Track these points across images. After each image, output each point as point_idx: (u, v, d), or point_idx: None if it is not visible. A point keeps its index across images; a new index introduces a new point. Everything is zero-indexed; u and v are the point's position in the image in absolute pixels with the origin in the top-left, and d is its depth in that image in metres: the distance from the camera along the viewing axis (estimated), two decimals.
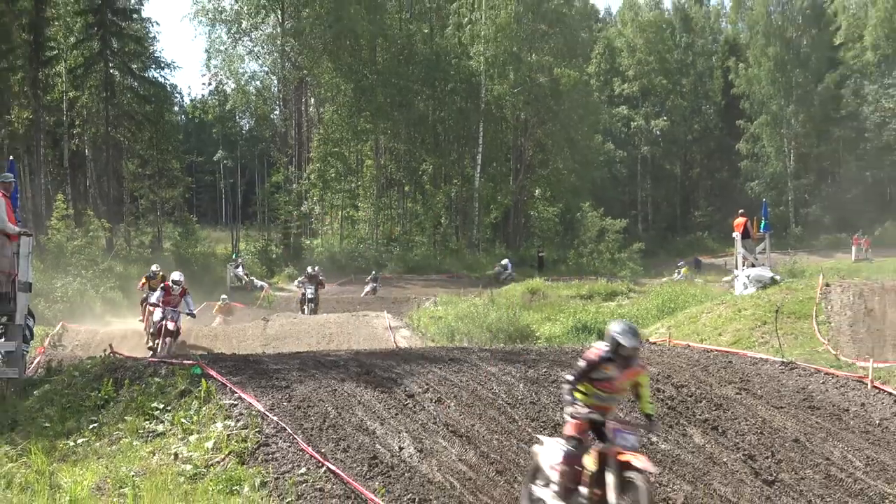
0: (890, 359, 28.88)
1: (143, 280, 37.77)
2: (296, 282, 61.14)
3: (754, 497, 14.04)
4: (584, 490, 12.35)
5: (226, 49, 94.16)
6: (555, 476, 12.65)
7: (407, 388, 16.53)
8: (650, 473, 12.09)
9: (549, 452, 12.89)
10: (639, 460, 11.95)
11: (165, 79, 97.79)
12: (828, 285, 37.42)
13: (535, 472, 13.09)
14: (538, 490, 12.91)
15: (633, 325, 12.90)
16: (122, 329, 44.11)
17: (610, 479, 12.09)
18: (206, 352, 30.63)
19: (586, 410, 12.64)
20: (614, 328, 12.62)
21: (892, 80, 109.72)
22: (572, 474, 12.44)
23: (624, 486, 11.95)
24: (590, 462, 12.35)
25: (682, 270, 76.77)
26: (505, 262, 77.53)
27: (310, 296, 52.55)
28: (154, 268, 38.52)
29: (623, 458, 12.06)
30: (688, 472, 14.65)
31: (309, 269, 55.56)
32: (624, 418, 13.41)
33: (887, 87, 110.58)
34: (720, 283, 59.17)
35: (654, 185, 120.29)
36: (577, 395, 12.78)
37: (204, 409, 15.45)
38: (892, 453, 16.29)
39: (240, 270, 71.08)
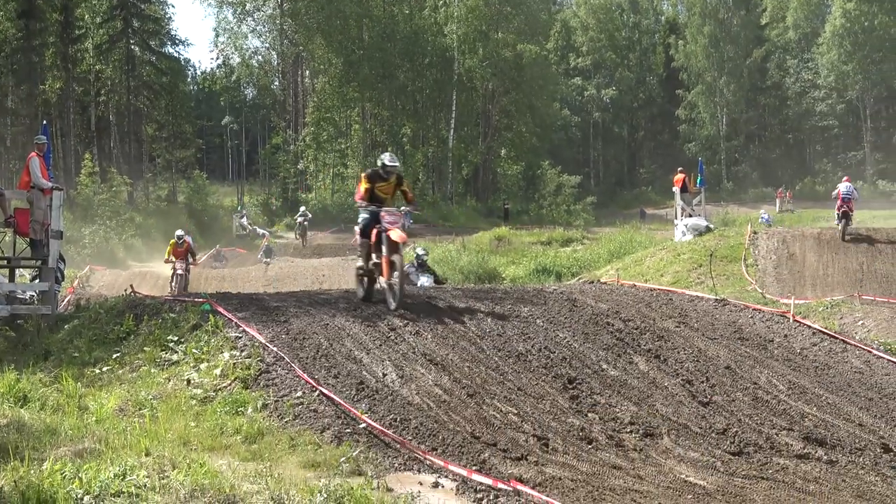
0: (809, 296, 29.05)
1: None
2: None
3: (692, 416, 14.03)
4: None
5: (231, 28, 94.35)
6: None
7: (389, 323, 16.47)
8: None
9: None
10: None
11: (179, 54, 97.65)
12: (755, 233, 37.60)
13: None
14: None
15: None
16: (142, 271, 44.03)
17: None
18: (215, 291, 30.56)
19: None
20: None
21: (811, 55, 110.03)
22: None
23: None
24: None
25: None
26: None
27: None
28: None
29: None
30: (633, 395, 14.63)
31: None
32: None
33: (807, 62, 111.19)
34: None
35: (605, 146, 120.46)
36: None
37: (213, 340, 15.38)
38: (810, 378, 16.30)
39: (244, 220, 71.00)
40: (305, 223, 64.65)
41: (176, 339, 15.76)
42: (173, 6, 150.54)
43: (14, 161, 69.70)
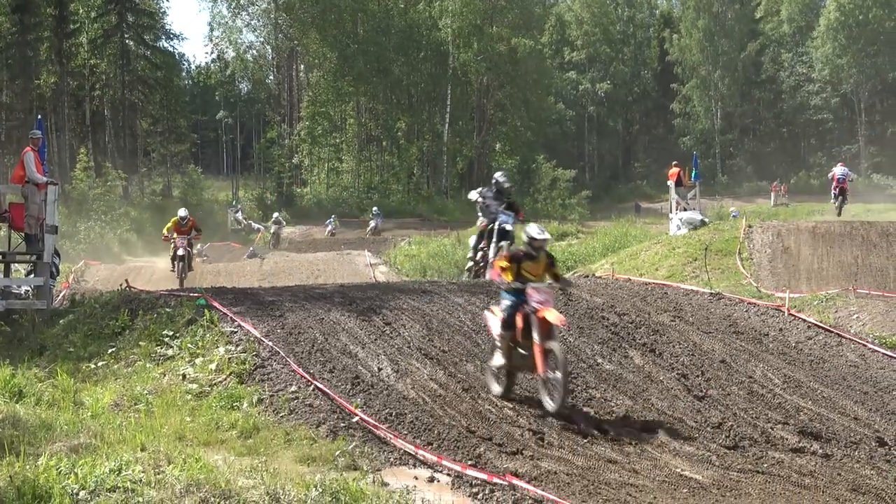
0: (804, 290, 29.04)
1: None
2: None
3: (687, 410, 14.06)
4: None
5: (226, 22, 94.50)
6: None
7: (385, 317, 16.49)
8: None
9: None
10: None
11: (174, 48, 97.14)
12: (750, 227, 37.53)
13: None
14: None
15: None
16: (137, 266, 44.00)
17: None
18: (210, 286, 30.53)
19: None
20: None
21: (805, 49, 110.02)
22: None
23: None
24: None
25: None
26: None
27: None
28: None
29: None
30: (629, 389, 14.66)
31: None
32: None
33: (801, 55, 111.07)
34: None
35: (599, 140, 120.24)
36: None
37: (208, 335, 15.40)
38: (805, 371, 16.33)
39: (239, 215, 71.06)
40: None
41: (171, 333, 15.78)
42: (168, 1, 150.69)
43: (9, 156, 69.56)
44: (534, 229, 14.20)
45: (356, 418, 12.11)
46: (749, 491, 11.15)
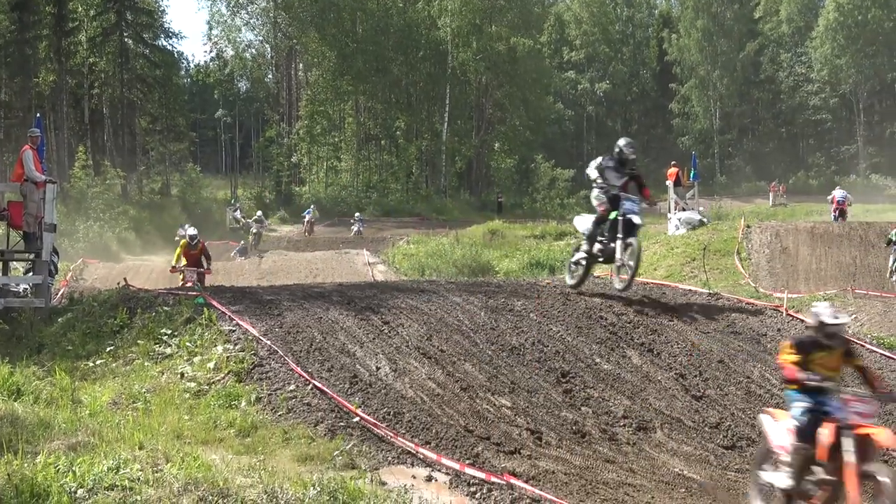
0: (802, 290, 29.08)
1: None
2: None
3: (685, 410, 14.08)
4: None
5: (225, 21, 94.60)
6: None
7: (383, 316, 16.49)
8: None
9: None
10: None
11: (173, 47, 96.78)
12: (749, 227, 37.62)
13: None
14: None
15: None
16: (136, 264, 44.02)
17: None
18: (209, 284, 30.51)
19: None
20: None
21: (804, 49, 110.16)
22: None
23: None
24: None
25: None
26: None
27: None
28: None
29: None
30: (627, 389, 14.67)
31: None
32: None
33: (800, 55, 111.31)
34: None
35: (598, 140, 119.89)
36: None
37: (206, 334, 15.39)
38: None
39: (238, 213, 70.94)
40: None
41: (169, 332, 15.77)
42: None
43: (7, 154, 69.50)
44: (825, 311, 10.69)
45: (355, 418, 12.13)
46: (747, 491, 11.16)
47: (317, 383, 13.07)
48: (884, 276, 32.34)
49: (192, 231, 30.63)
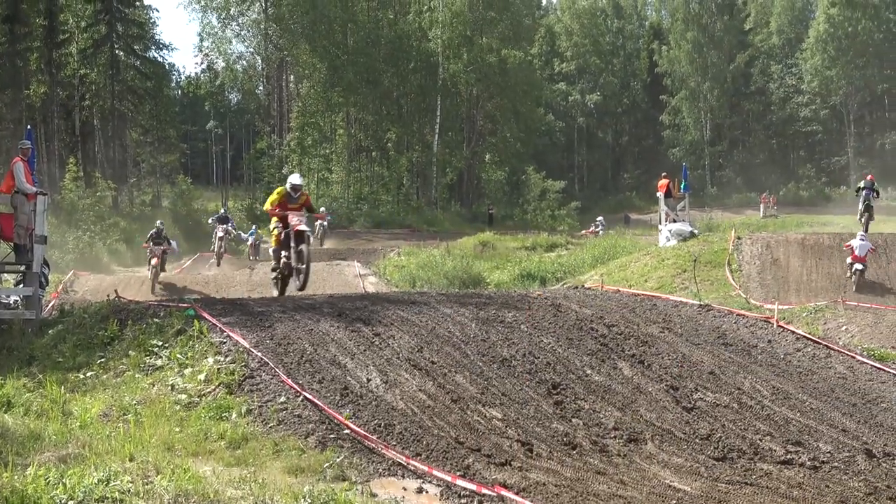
0: (793, 302, 29.19)
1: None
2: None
3: (675, 421, 14.08)
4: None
5: (216, 32, 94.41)
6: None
7: (374, 328, 16.50)
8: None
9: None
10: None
11: (164, 58, 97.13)
12: (739, 238, 37.72)
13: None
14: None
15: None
16: (127, 276, 43.97)
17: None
18: (199, 296, 30.49)
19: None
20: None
21: (794, 61, 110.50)
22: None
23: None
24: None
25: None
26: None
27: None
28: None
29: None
30: (618, 401, 14.68)
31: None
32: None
33: (790, 67, 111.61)
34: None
35: (589, 151, 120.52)
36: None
37: (197, 346, 15.41)
38: (794, 383, 16.36)
39: (229, 225, 70.84)
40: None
41: (160, 344, 15.79)
42: (158, 11, 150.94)
43: None
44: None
45: (346, 430, 12.13)
46: (737, 502, 11.17)
47: (307, 395, 13.08)
48: (875, 287, 32.43)
49: (296, 179, 25.19)
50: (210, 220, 57.34)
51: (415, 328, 16.71)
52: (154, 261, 38.89)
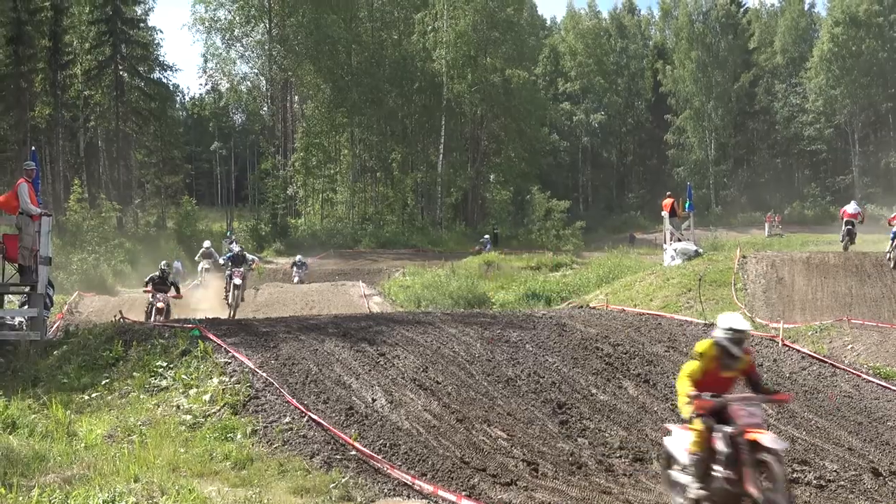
0: (798, 320, 29.06)
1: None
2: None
3: None
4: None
5: (220, 53, 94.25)
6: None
7: (379, 348, 16.49)
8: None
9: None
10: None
11: (168, 79, 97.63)
12: (744, 257, 37.63)
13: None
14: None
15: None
16: (131, 297, 43.95)
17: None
18: (204, 317, 30.48)
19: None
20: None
21: (799, 80, 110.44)
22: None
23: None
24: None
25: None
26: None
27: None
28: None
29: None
30: (623, 420, 14.67)
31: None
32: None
33: (794, 86, 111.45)
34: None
35: (594, 171, 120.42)
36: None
37: (202, 366, 15.41)
38: (799, 402, 16.34)
39: (234, 246, 70.82)
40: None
41: (165, 364, 15.78)
42: (162, 32, 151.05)
43: (3, 187, 69.58)
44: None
45: (351, 450, 12.12)
46: None
47: (313, 415, 13.07)
48: (880, 305, 32.36)
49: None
50: (197, 257, 49.83)
51: (420, 348, 16.70)
52: (159, 304, 29.54)
